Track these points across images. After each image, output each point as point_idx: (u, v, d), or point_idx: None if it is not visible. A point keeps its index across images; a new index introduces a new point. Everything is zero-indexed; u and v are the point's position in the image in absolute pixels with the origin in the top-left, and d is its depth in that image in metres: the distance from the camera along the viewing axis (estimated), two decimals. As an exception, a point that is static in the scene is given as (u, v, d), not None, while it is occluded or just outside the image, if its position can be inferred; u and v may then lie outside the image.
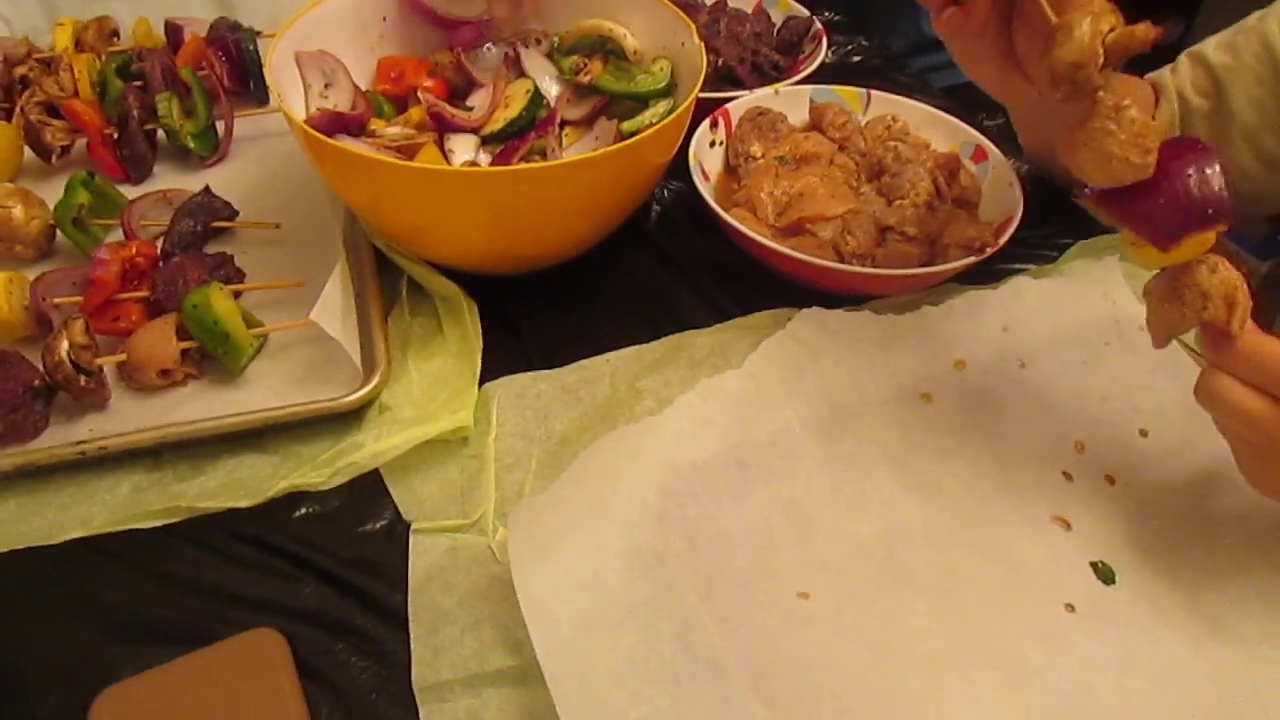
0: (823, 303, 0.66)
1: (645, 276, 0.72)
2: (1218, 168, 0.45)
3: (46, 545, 0.52)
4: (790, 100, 0.80)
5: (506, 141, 0.69)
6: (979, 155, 0.75)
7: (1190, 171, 0.45)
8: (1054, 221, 0.75)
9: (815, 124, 0.79)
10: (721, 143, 0.77)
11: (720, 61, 0.85)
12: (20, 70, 0.81)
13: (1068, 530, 0.55)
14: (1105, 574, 0.53)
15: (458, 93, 0.74)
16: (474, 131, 0.69)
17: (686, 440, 0.54)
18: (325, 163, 0.60)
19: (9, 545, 0.52)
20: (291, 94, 0.67)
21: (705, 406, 0.55)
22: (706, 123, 0.75)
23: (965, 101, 0.83)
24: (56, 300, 0.62)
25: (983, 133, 0.76)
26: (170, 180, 0.78)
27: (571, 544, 0.48)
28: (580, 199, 0.62)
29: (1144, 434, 0.60)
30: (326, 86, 0.68)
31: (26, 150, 0.77)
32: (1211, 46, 0.71)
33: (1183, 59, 0.73)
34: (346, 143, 0.61)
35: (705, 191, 0.69)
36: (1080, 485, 0.58)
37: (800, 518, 0.52)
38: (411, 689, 0.47)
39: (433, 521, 0.54)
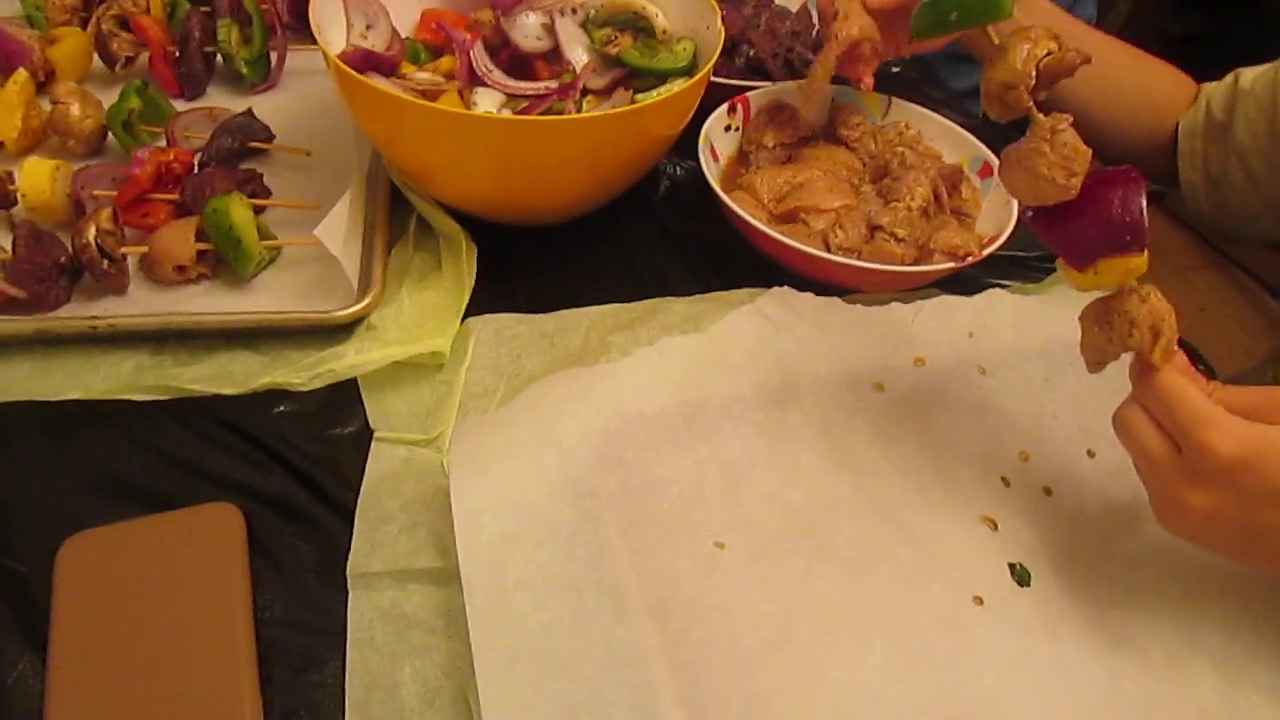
0: (803, 289, 0.68)
1: (641, 245, 0.75)
2: (1143, 199, 0.46)
3: (47, 401, 0.57)
4: (811, 97, 0.82)
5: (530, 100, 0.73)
6: (985, 171, 0.77)
7: (1114, 198, 0.46)
8: (1047, 245, 0.76)
9: (831, 123, 0.82)
10: (738, 129, 0.80)
11: (753, 53, 0.88)
12: (102, -16, 0.87)
13: (994, 530, 0.57)
14: (1021, 575, 0.55)
15: (492, 52, 0.77)
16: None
17: (639, 390, 0.57)
18: (351, 96, 0.65)
19: (16, 397, 0.57)
20: (333, 31, 0.71)
21: (662, 362, 0.59)
22: (724, 107, 0.78)
23: (997, 126, 0.85)
24: (95, 192, 0.68)
25: (996, 153, 0.78)
26: (220, 100, 0.84)
27: (510, 465, 0.52)
28: (582, 157, 0.65)
29: (1091, 455, 0.62)
30: (368, 28, 0.73)
31: (96, 58, 0.84)
32: (1251, 70, 0.76)
33: (1230, 75, 0.78)
34: (372, 79, 0.65)
35: (709, 170, 0.72)
36: (1017, 492, 0.59)
37: (732, 477, 0.55)
38: (346, 575, 0.51)
39: (395, 433, 0.58)
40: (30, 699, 0.46)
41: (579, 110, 0.73)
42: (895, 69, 1.02)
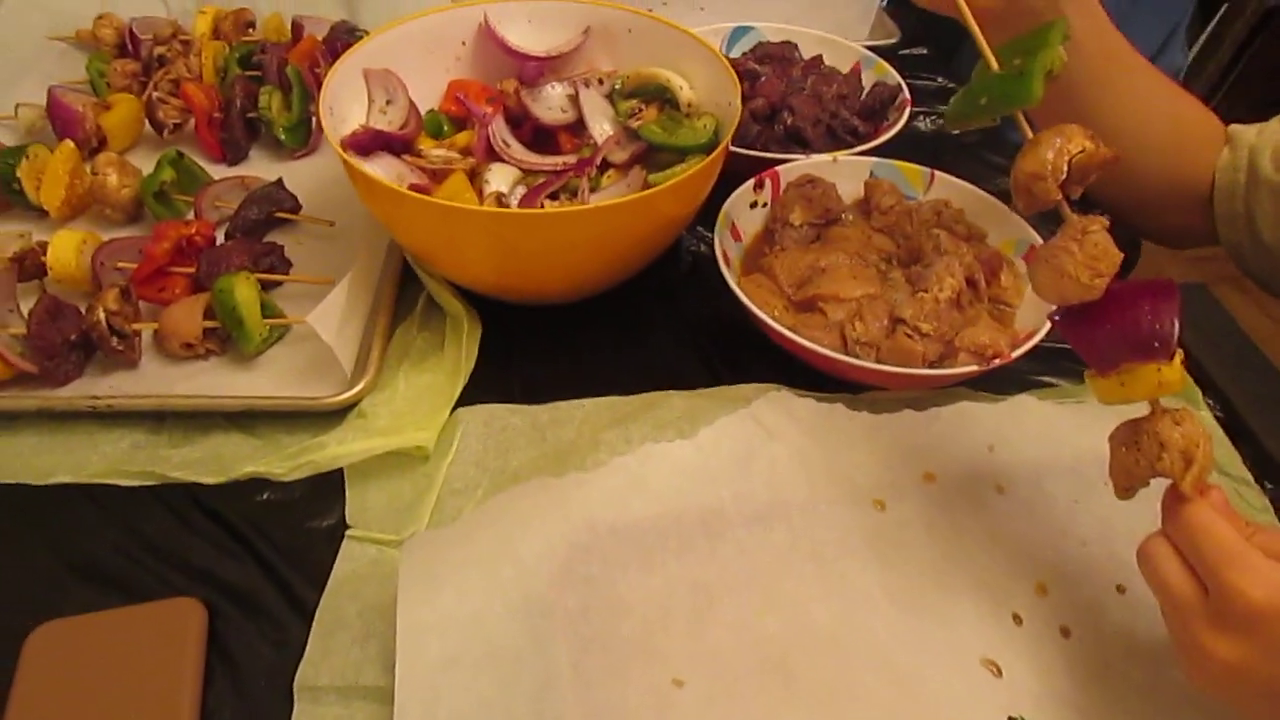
0: (818, 382, 0.64)
1: (654, 329, 0.72)
2: (1175, 307, 0.44)
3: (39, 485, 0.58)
4: (848, 170, 0.78)
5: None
6: (1030, 256, 0.71)
7: (1144, 304, 0.45)
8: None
9: (866, 200, 0.77)
10: (765, 204, 0.76)
11: (791, 120, 0.84)
12: (160, 50, 0.91)
13: (996, 676, 0.52)
14: (1021, 732, 0.50)
15: (516, 123, 0.76)
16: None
17: (612, 501, 0.54)
18: (353, 181, 0.64)
19: (14, 474, 0.59)
20: (353, 107, 0.71)
21: (640, 470, 0.56)
22: (750, 182, 0.75)
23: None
24: (120, 264, 0.70)
25: (1043, 234, 0.72)
26: (262, 164, 0.86)
27: (464, 581, 0.50)
28: (586, 244, 0.63)
29: (1121, 590, 0.55)
30: (388, 103, 0.73)
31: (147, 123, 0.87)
32: None
33: (1274, 121, 0.69)
34: (378, 161, 0.65)
35: (728, 250, 0.69)
36: (1029, 631, 0.54)
37: (704, 601, 0.52)
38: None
39: (366, 531, 0.57)
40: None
41: (594, 186, 0.71)
42: (956, 131, 0.96)
